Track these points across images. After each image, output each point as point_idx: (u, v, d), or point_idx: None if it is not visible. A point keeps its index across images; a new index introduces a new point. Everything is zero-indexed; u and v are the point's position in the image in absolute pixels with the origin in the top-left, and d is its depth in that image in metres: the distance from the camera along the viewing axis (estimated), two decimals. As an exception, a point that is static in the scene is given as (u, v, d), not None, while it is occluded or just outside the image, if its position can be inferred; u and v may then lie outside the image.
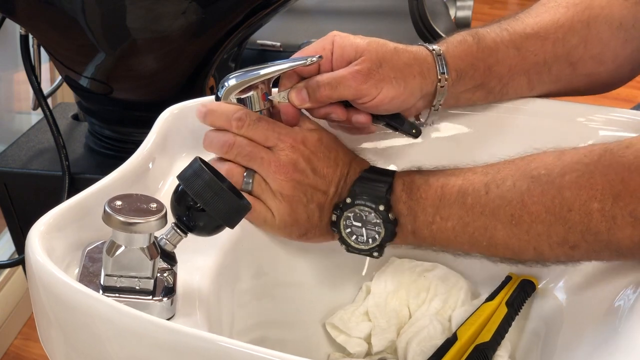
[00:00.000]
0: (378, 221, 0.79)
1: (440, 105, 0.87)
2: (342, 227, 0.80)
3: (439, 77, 0.85)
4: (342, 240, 0.81)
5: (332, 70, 0.83)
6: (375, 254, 0.81)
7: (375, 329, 0.86)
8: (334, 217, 0.81)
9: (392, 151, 0.92)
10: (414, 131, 0.87)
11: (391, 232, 0.79)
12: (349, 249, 0.82)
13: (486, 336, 0.81)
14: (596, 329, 0.77)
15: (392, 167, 0.90)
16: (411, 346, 0.83)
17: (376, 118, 0.85)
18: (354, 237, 0.80)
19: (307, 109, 0.84)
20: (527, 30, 0.90)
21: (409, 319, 0.87)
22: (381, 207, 0.78)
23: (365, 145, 0.92)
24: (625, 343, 0.70)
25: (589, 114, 0.92)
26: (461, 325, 0.83)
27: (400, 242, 0.81)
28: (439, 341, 0.82)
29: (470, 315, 0.84)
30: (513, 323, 0.84)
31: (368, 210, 0.79)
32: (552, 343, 0.81)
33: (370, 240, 0.80)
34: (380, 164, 0.86)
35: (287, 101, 0.83)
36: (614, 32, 0.92)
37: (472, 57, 0.87)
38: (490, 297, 0.85)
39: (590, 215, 0.71)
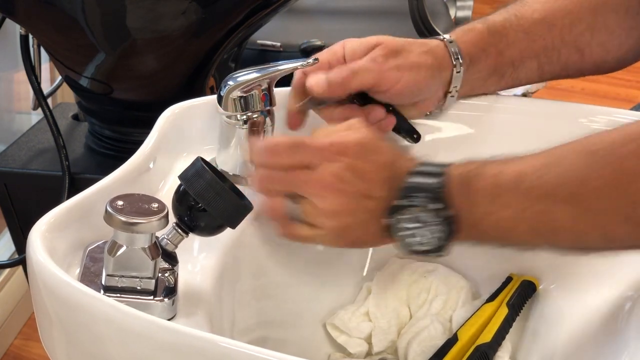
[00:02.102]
0: (436, 220, 0.73)
1: (456, 91, 0.88)
2: (399, 231, 0.75)
3: (454, 62, 0.86)
4: (404, 244, 0.76)
5: None
6: (443, 252, 0.75)
7: (375, 329, 0.86)
8: (389, 222, 0.75)
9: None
10: (415, 136, 0.88)
11: (451, 229, 0.74)
12: (413, 251, 0.76)
13: (487, 337, 0.81)
14: (597, 330, 0.77)
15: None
16: (412, 346, 0.83)
17: None
18: (414, 239, 0.75)
19: (324, 116, 0.85)
20: (535, 15, 0.91)
21: (410, 319, 0.87)
22: (437, 205, 0.73)
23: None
24: (626, 344, 0.70)
25: (591, 115, 0.92)
26: (462, 326, 0.83)
27: (464, 238, 0.75)
28: (439, 342, 0.82)
29: (471, 316, 0.84)
30: (514, 324, 0.84)
31: (423, 209, 0.74)
32: (552, 344, 0.81)
33: (431, 240, 0.74)
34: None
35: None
36: (620, 20, 0.93)
37: (484, 43, 0.88)
38: (491, 298, 0.85)
39: None
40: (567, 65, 0.93)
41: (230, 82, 0.82)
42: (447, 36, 0.88)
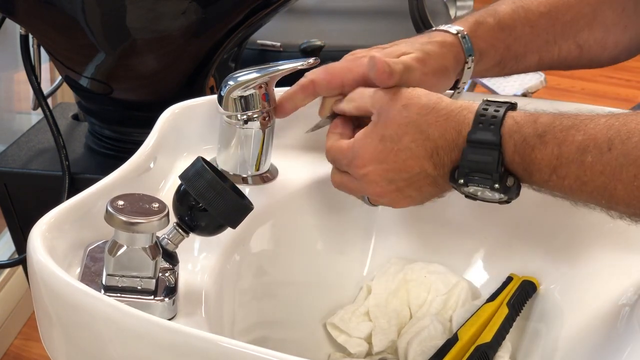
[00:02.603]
0: (498, 195, 0.75)
1: (464, 84, 0.89)
2: (465, 193, 0.76)
3: (466, 59, 0.87)
4: (470, 197, 0.77)
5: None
6: (510, 201, 0.76)
7: (375, 329, 0.86)
8: (454, 186, 0.76)
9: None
10: None
11: (515, 193, 0.74)
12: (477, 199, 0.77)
13: (487, 337, 0.81)
14: (597, 330, 0.77)
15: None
16: (412, 346, 0.83)
17: None
18: (480, 193, 0.76)
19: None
20: (541, 8, 0.91)
21: (410, 319, 0.87)
22: (496, 186, 0.73)
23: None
24: (626, 344, 0.70)
25: (595, 114, 0.92)
26: (462, 326, 0.83)
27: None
28: (439, 341, 0.82)
29: (471, 316, 0.84)
30: (514, 324, 0.84)
31: (482, 189, 0.74)
32: (553, 344, 0.81)
33: (497, 197, 0.75)
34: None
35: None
36: (616, 18, 0.93)
37: (494, 38, 0.89)
38: (491, 298, 0.85)
39: None
40: (566, 60, 0.94)
41: (231, 82, 0.82)
42: (460, 29, 0.88)
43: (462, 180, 0.74)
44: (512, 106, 0.75)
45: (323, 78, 0.84)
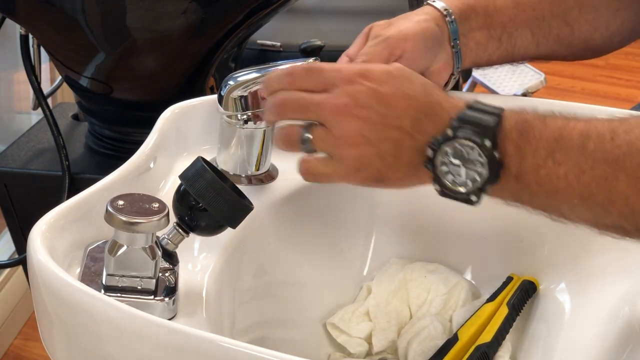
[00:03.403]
0: (481, 160, 0.68)
1: (458, 46, 0.89)
2: (438, 163, 0.69)
3: (444, 12, 0.89)
4: (437, 181, 0.70)
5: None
6: (474, 197, 0.69)
7: (375, 329, 0.86)
8: (429, 153, 0.69)
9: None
10: None
11: (495, 173, 0.68)
12: (444, 191, 0.70)
13: (487, 337, 0.81)
14: (597, 330, 0.77)
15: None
16: (412, 346, 0.83)
17: None
18: (451, 176, 0.69)
19: None
20: None
21: (410, 319, 0.88)
22: (487, 143, 0.67)
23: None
24: (626, 344, 0.70)
25: (592, 115, 0.92)
26: (462, 326, 0.83)
27: (500, 190, 0.70)
28: (439, 341, 0.82)
29: (471, 316, 0.84)
30: (514, 324, 0.84)
31: (471, 145, 0.68)
32: (553, 344, 0.81)
33: (469, 181, 0.69)
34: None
35: None
36: (605, 0, 0.94)
37: (471, 2, 0.91)
38: (491, 298, 0.85)
39: None
40: (559, 39, 0.94)
41: (231, 82, 0.82)
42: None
43: (450, 132, 0.68)
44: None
45: None
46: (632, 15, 0.96)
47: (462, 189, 0.69)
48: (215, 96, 0.85)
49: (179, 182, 0.69)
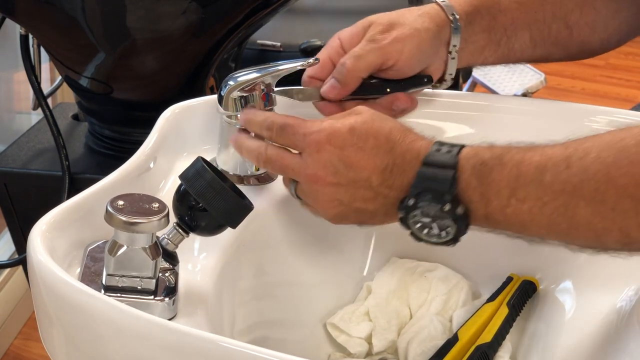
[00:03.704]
0: (447, 217, 0.71)
1: (456, 52, 0.88)
2: (411, 224, 0.73)
3: (450, 18, 0.87)
4: (414, 236, 0.74)
5: None
6: (451, 244, 0.74)
7: (376, 329, 0.86)
8: (400, 215, 0.73)
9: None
10: (425, 80, 0.88)
11: (464, 225, 0.72)
12: (422, 241, 0.75)
13: (487, 337, 0.81)
14: (597, 330, 0.77)
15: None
16: (412, 346, 0.83)
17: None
18: (426, 230, 0.73)
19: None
20: None
21: (410, 319, 0.87)
22: (447, 207, 0.71)
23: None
24: (626, 344, 0.70)
25: (591, 115, 0.92)
26: (462, 326, 0.83)
27: (474, 228, 0.73)
28: (439, 341, 0.82)
29: (472, 316, 0.84)
30: (514, 324, 0.84)
31: (434, 208, 0.72)
32: (552, 344, 0.81)
33: (442, 233, 0.73)
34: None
35: (317, 98, 0.85)
36: (606, 2, 0.94)
37: (478, 2, 0.90)
38: (492, 298, 0.85)
39: None
40: (557, 41, 0.94)
41: (231, 82, 0.82)
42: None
43: (411, 201, 0.72)
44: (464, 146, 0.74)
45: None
46: (629, 16, 0.96)
47: (437, 240, 0.74)
48: (215, 96, 0.85)
49: (179, 182, 0.69)
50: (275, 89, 0.84)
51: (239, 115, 0.82)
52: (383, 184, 0.74)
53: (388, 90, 0.86)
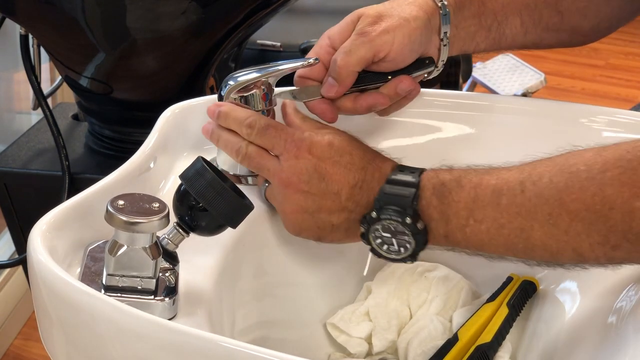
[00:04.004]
0: (407, 232, 0.75)
1: (447, 39, 0.88)
2: (371, 238, 0.77)
3: (438, 4, 0.86)
4: (374, 251, 0.78)
5: None
6: (409, 261, 0.78)
7: (375, 329, 0.86)
8: (362, 229, 0.77)
9: (393, 151, 0.92)
10: (427, 62, 0.88)
11: (422, 240, 0.76)
12: (381, 257, 0.78)
13: (487, 337, 0.81)
14: (597, 330, 0.77)
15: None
16: (412, 346, 0.83)
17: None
18: (385, 247, 0.77)
19: (349, 110, 0.85)
20: None
21: (410, 319, 0.87)
22: (408, 220, 0.74)
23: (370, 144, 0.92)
24: (626, 344, 0.70)
25: (592, 115, 0.92)
26: (462, 326, 0.83)
27: (433, 247, 0.77)
28: (439, 341, 0.82)
29: (472, 316, 0.84)
30: (514, 324, 0.84)
31: (395, 222, 0.75)
32: (552, 344, 0.81)
33: (402, 249, 0.77)
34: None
35: (317, 96, 0.85)
36: None
37: None
38: (492, 298, 0.85)
39: (633, 214, 0.67)
40: (548, 27, 0.93)
41: (231, 82, 0.82)
42: None
43: (374, 214, 0.76)
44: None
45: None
46: (622, 2, 0.95)
47: (396, 256, 0.77)
48: (215, 96, 0.85)
49: (179, 182, 0.69)
50: (276, 90, 0.84)
51: None
52: (350, 199, 0.78)
53: (389, 77, 0.86)
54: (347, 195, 0.78)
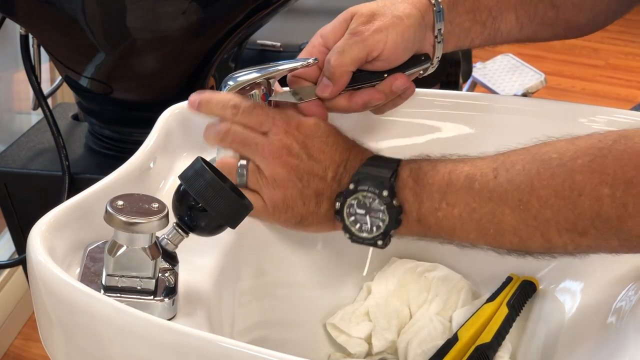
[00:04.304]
0: (382, 208, 0.76)
1: (442, 36, 0.87)
2: (345, 214, 0.78)
3: (432, 1, 0.86)
4: (346, 229, 0.78)
5: None
6: (380, 242, 0.78)
7: (375, 329, 0.86)
8: (337, 205, 0.78)
9: (393, 151, 0.92)
10: (423, 58, 0.87)
11: (395, 219, 0.76)
12: (353, 237, 0.78)
13: (487, 337, 0.81)
14: (597, 329, 0.77)
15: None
16: (412, 346, 0.83)
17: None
18: (358, 225, 0.78)
19: (344, 108, 0.85)
20: None
21: (410, 319, 0.87)
22: (385, 193, 0.75)
23: (366, 145, 0.92)
24: (626, 344, 0.70)
25: (591, 115, 0.92)
26: (462, 326, 0.83)
27: (405, 231, 0.78)
28: (439, 342, 0.82)
29: (471, 316, 0.84)
30: (514, 324, 0.84)
31: (372, 196, 0.76)
32: (552, 344, 0.82)
33: (374, 228, 0.77)
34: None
35: (313, 97, 0.84)
36: None
37: None
38: (491, 298, 0.85)
39: (601, 201, 0.68)
40: (543, 21, 0.93)
41: (230, 82, 0.82)
42: None
43: (352, 186, 0.77)
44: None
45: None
46: None
47: (368, 235, 0.78)
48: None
49: (178, 182, 0.69)
50: (272, 98, 0.84)
51: None
52: (334, 178, 0.79)
53: (385, 75, 0.85)
54: (332, 174, 0.79)
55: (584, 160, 0.70)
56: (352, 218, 0.78)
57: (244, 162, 0.80)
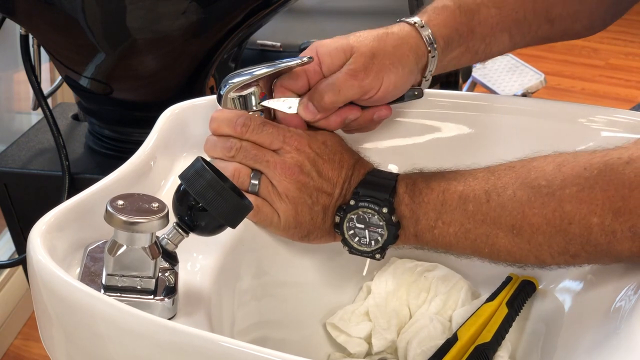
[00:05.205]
0: (381, 223, 0.79)
1: (431, 75, 0.88)
2: (345, 228, 0.81)
3: (429, 48, 0.86)
4: (345, 242, 0.81)
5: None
6: (378, 256, 0.81)
7: (375, 329, 0.86)
8: (337, 219, 0.81)
9: (393, 151, 0.92)
10: (416, 93, 0.88)
11: (394, 234, 0.79)
12: (352, 250, 0.82)
13: (487, 336, 0.81)
14: (596, 329, 0.77)
15: (392, 167, 0.90)
16: (411, 346, 0.83)
17: None
18: (357, 239, 0.81)
19: (319, 123, 0.84)
20: None
21: (409, 319, 0.88)
22: (384, 210, 0.78)
23: (367, 145, 0.92)
24: (626, 343, 0.70)
25: (591, 115, 0.92)
26: (462, 326, 0.83)
27: (403, 244, 0.81)
28: (439, 341, 0.82)
29: (471, 316, 0.84)
30: (513, 323, 0.84)
31: (371, 212, 0.79)
32: (552, 343, 0.81)
33: (372, 242, 0.80)
34: (381, 163, 0.86)
35: (294, 111, 0.83)
36: None
37: (456, 23, 0.88)
38: (491, 298, 0.85)
39: (590, 229, 0.71)
40: (538, 35, 0.93)
41: (230, 82, 0.82)
42: (418, 20, 0.87)
43: (352, 202, 0.79)
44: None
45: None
46: (615, 1, 0.95)
47: (366, 249, 0.81)
48: (215, 96, 0.85)
49: (178, 182, 0.69)
50: (263, 102, 0.84)
51: None
52: (340, 194, 0.81)
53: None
54: (339, 191, 0.81)
55: (572, 190, 0.72)
56: (352, 232, 0.81)
57: (256, 172, 0.81)
